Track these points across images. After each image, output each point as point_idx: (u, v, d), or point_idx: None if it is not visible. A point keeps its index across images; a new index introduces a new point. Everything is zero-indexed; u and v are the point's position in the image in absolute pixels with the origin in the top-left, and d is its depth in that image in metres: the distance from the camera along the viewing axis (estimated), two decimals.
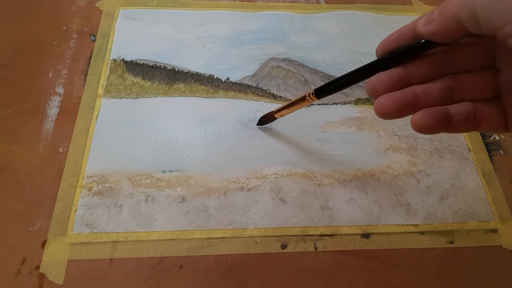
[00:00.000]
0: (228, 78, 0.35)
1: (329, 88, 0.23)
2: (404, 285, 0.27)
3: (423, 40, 0.17)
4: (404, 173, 0.31)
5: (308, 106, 0.34)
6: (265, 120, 0.32)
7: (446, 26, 0.16)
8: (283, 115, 0.30)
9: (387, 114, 0.18)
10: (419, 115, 0.17)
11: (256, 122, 0.33)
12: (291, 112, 0.29)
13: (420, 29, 0.17)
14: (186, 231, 0.28)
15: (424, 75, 0.18)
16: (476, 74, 0.18)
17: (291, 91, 0.35)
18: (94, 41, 0.37)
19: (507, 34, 0.14)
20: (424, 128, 0.17)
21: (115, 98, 0.33)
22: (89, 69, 0.35)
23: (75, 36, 0.37)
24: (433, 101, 0.18)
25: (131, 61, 0.36)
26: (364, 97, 0.35)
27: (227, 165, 0.31)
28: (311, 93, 0.24)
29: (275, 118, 0.31)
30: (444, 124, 0.17)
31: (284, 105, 0.29)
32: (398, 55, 0.18)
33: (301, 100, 0.26)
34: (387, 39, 0.19)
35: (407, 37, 0.18)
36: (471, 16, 0.14)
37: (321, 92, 0.23)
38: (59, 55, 0.36)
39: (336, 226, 0.29)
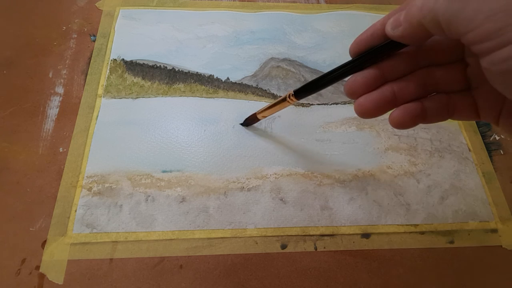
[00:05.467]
0: (228, 78, 0.35)
1: (308, 88, 0.24)
2: (404, 285, 0.27)
3: (391, 41, 0.18)
4: (404, 173, 0.31)
5: (306, 106, 0.34)
6: (250, 121, 0.32)
7: (412, 30, 0.16)
8: (266, 116, 0.30)
9: (368, 114, 0.19)
10: (396, 113, 0.18)
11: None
12: (273, 113, 0.29)
13: (389, 31, 0.17)
14: (186, 231, 0.28)
15: (398, 72, 0.19)
16: (447, 67, 0.19)
17: None
18: (94, 41, 0.37)
19: (469, 41, 0.14)
20: (402, 124, 0.18)
21: (115, 98, 0.33)
22: (89, 69, 0.35)
23: (75, 36, 0.37)
24: (410, 96, 0.19)
25: (131, 61, 0.36)
26: None
27: (227, 165, 0.31)
28: (290, 94, 0.25)
29: (258, 119, 0.31)
30: (420, 118, 0.18)
31: (266, 107, 0.29)
32: (371, 56, 0.19)
33: (282, 101, 0.27)
34: (359, 39, 0.19)
35: (379, 37, 0.18)
36: (435, 23, 0.15)
37: (300, 92, 0.24)
38: (59, 55, 0.36)
39: (336, 226, 0.29)
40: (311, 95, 0.25)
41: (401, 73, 0.19)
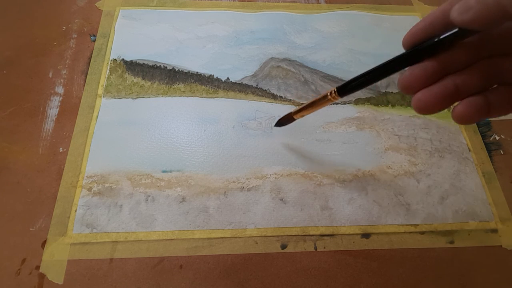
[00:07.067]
0: (228, 78, 0.35)
1: (353, 85, 0.21)
2: (404, 285, 0.27)
3: (458, 29, 0.16)
4: (404, 173, 0.31)
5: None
6: (284, 121, 0.31)
7: (487, 13, 0.14)
8: (304, 115, 0.28)
9: (429, 109, 0.18)
10: (460, 107, 0.17)
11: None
12: (311, 113, 0.27)
13: (455, 17, 0.15)
14: (186, 231, 0.28)
15: (459, 64, 0.17)
16: None
17: (291, 91, 0.35)
18: (94, 41, 0.37)
19: None
20: (467, 119, 0.17)
21: (115, 98, 0.33)
22: (89, 69, 0.35)
23: (75, 36, 0.37)
24: (473, 89, 0.17)
25: (131, 61, 0.36)
26: (364, 97, 0.35)
27: (227, 165, 0.31)
28: (333, 91, 0.22)
29: (294, 119, 0.29)
30: (485, 112, 0.17)
31: (303, 106, 0.27)
32: (433, 46, 0.17)
33: (323, 100, 0.24)
34: (416, 28, 0.18)
35: (439, 26, 0.17)
36: None
37: (345, 89, 0.22)
38: (59, 55, 0.36)
39: (336, 226, 0.29)
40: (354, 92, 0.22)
41: (462, 65, 0.17)
